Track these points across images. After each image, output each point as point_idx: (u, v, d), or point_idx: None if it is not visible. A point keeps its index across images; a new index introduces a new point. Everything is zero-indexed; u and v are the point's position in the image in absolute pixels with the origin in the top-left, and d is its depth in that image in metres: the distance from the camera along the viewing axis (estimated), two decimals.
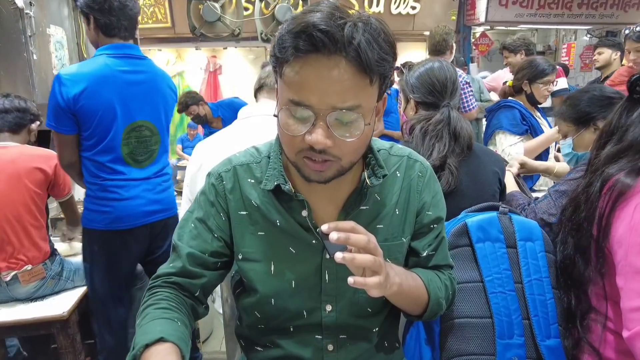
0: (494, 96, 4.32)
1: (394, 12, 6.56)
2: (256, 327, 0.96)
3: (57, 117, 1.69)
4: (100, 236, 1.81)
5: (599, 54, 3.57)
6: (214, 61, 7.82)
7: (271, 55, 0.76)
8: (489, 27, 7.45)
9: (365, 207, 0.90)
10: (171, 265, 0.91)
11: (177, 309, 0.85)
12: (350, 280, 0.69)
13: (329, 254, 0.75)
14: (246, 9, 4.79)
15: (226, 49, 7.68)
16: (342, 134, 0.74)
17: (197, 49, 7.43)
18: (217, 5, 3.39)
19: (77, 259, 2.03)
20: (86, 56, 2.82)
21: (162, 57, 7.56)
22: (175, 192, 2.04)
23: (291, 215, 0.88)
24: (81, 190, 1.94)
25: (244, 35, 3.61)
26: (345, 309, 0.91)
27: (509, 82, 2.64)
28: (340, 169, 0.79)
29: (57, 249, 2.04)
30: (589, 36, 7.80)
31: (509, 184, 1.61)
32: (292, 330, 0.93)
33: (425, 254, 0.96)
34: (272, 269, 0.89)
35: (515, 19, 6.63)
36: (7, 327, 1.81)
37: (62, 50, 2.64)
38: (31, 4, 2.29)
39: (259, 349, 0.98)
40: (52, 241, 2.00)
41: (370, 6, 6.43)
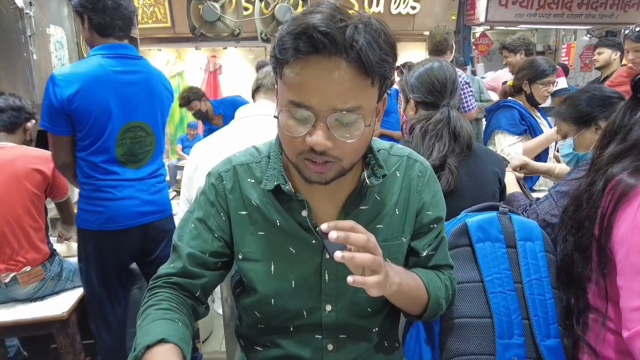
0: (494, 96, 4.32)
1: (394, 12, 6.57)
2: (256, 327, 0.96)
3: (52, 118, 1.68)
4: (94, 236, 1.79)
5: (599, 54, 3.57)
6: (213, 61, 7.83)
7: (271, 56, 0.76)
8: (488, 27, 7.46)
9: (365, 207, 0.90)
10: (171, 265, 0.91)
11: (178, 310, 0.85)
12: (349, 279, 0.69)
13: (328, 253, 0.75)
14: (246, 8, 4.80)
15: (226, 49, 7.68)
16: (342, 135, 0.74)
17: (197, 49, 7.44)
18: (217, 5, 3.39)
19: (76, 260, 2.02)
20: (86, 56, 2.82)
21: (162, 57, 7.57)
22: (175, 192, 2.04)
23: (291, 215, 0.88)
24: (77, 190, 1.93)
25: (244, 35, 3.62)
26: (345, 309, 0.91)
27: (510, 82, 2.64)
28: (340, 170, 0.79)
29: (56, 249, 2.03)
30: (589, 36, 7.81)
31: (509, 184, 1.61)
32: (292, 330, 0.93)
33: (425, 254, 0.96)
34: (272, 268, 0.89)
35: (515, 19, 6.64)
36: (7, 327, 1.81)
37: (62, 50, 2.64)
38: (31, 4, 2.30)
39: (259, 348, 0.98)
40: (51, 242, 2.00)
41: (370, 6, 6.43)
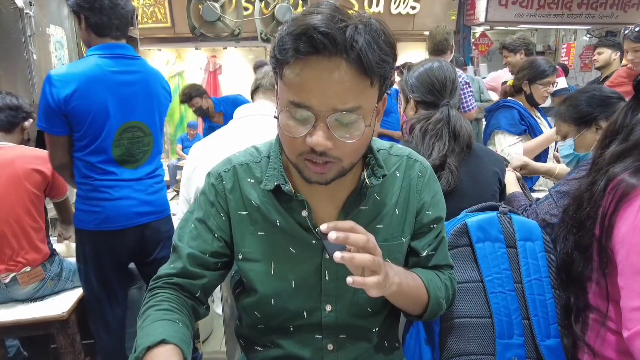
0: (494, 96, 4.32)
1: (394, 12, 6.57)
2: (256, 327, 0.96)
3: (48, 118, 1.67)
4: (91, 237, 1.78)
5: (599, 54, 3.57)
6: (213, 61, 7.83)
7: (271, 56, 0.76)
8: (488, 27, 7.46)
9: (365, 207, 0.90)
10: (172, 266, 0.91)
11: (178, 310, 0.85)
12: (349, 279, 0.69)
13: (328, 254, 0.75)
14: (246, 8, 4.80)
15: (226, 48, 7.69)
16: (343, 135, 0.74)
17: (197, 49, 7.44)
18: (217, 5, 3.39)
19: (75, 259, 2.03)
20: (85, 56, 2.82)
21: (162, 57, 7.57)
22: (175, 192, 2.03)
23: (291, 215, 0.88)
24: (75, 190, 1.92)
25: (244, 35, 3.62)
26: (345, 309, 0.91)
27: (510, 82, 2.64)
28: (341, 170, 0.79)
29: (56, 249, 2.03)
30: (589, 36, 7.81)
31: (509, 184, 1.61)
32: (292, 330, 0.93)
33: (425, 254, 0.96)
34: (272, 269, 0.89)
35: (515, 19, 6.65)
36: (7, 328, 1.81)
37: (62, 50, 2.64)
38: (31, 3, 2.30)
39: (259, 348, 0.98)
40: (51, 242, 1.99)
41: (370, 6, 6.44)
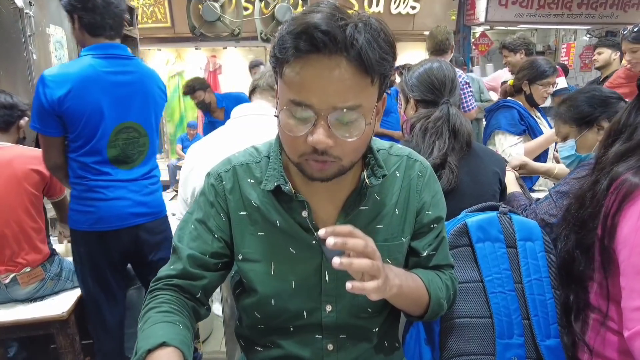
0: (494, 96, 4.32)
1: (394, 12, 6.57)
2: (256, 327, 0.96)
3: (42, 119, 1.65)
4: (84, 237, 1.77)
5: (599, 54, 3.57)
6: (213, 61, 7.82)
7: (271, 56, 0.76)
8: (488, 27, 7.46)
9: (365, 207, 0.90)
10: (172, 267, 0.91)
11: (179, 312, 0.85)
12: (348, 285, 0.69)
13: (327, 259, 0.74)
14: (246, 8, 4.80)
15: (226, 48, 7.68)
16: (343, 133, 0.74)
17: (196, 49, 7.44)
18: (217, 5, 3.39)
19: None
20: None
21: (162, 57, 7.57)
22: (175, 192, 2.03)
23: (291, 215, 0.88)
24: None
25: (244, 35, 3.62)
26: (345, 309, 0.91)
27: (510, 82, 2.63)
28: (341, 169, 0.79)
29: (56, 249, 2.03)
30: (589, 36, 7.81)
31: (509, 183, 1.61)
32: (292, 330, 0.93)
33: (425, 254, 0.96)
34: (272, 269, 0.89)
35: (515, 19, 6.65)
36: (7, 328, 1.80)
37: (62, 49, 2.63)
38: (31, 3, 2.29)
39: (259, 349, 0.98)
40: (50, 242, 1.99)
41: (370, 6, 6.44)
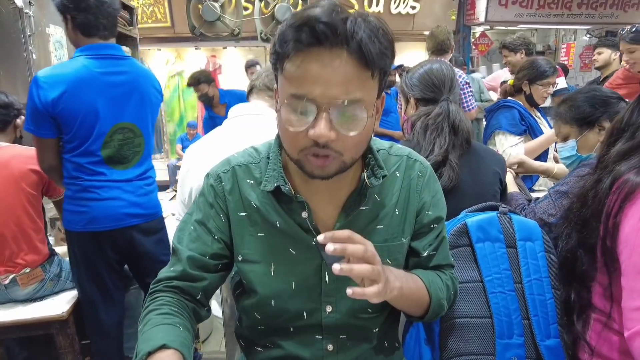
0: (494, 96, 4.32)
1: (394, 11, 6.57)
2: (256, 327, 0.96)
3: (36, 121, 1.63)
4: (79, 238, 1.76)
5: (599, 54, 3.57)
6: (213, 61, 7.82)
7: (271, 52, 0.76)
8: (488, 27, 7.46)
9: (365, 208, 0.90)
10: (171, 269, 0.91)
11: (179, 314, 0.85)
12: (348, 291, 0.69)
13: (326, 264, 0.74)
14: (246, 8, 4.80)
15: (226, 48, 7.68)
16: (345, 127, 0.74)
17: (196, 49, 7.43)
18: (217, 4, 3.39)
19: None
20: None
21: (162, 57, 7.56)
22: (174, 192, 2.02)
23: (291, 216, 0.88)
24: None
25: (244, 34, 3.62)
26: (345, 310, 0.91)
27: (510, 82, 2.63)
28: (342, 165, 0.79)
29: (55, 249, 2.02)
30: (589, 36, 7.81)
31: (509, 183, 1.61)
32: (292, 330, 0.93)
33: (425, 254, 0.96)
34: (272, 270, 0.89)
35: (515, 18, 6.64)
36: (6, 328, 1.80)
37: (62, 49, 2.63)
38: (30, 3, 2.29)
39: (259, 349, 0.97)
40: (50, 242, 1.99)
41: (370, 6, 6.44)
